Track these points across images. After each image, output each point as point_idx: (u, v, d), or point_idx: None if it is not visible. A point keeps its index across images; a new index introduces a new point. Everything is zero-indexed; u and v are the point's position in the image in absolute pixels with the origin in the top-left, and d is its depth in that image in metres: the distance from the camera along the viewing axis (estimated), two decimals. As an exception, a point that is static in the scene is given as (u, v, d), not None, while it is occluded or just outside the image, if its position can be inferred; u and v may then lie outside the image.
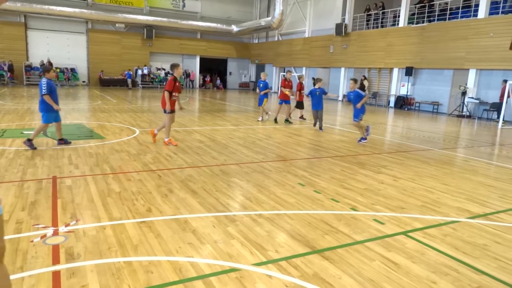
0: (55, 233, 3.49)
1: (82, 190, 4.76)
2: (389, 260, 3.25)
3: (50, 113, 7.10)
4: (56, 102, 7.12)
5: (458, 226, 4.11)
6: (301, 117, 13.51)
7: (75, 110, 13.35)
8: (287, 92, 12.13)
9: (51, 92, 7.00)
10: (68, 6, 25.86)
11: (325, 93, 11.06)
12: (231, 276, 2.87)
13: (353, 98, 9.05)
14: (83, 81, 28.52)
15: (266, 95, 12.48)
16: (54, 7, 25.14)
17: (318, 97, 10.88)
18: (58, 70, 26.59)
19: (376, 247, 3.49)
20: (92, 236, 3.46)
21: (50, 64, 26.11)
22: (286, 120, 12.44)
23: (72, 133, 8.68)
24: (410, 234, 3.83)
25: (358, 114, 9.01)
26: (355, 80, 9.11)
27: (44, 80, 6.95)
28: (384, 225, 4.02)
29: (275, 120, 12.42)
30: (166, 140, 7.81)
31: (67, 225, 3.67)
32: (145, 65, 29.85)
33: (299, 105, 13.20)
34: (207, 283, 2.77)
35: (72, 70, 27.50)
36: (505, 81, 14.81)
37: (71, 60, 27.80)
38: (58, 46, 27.21)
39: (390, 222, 4.12)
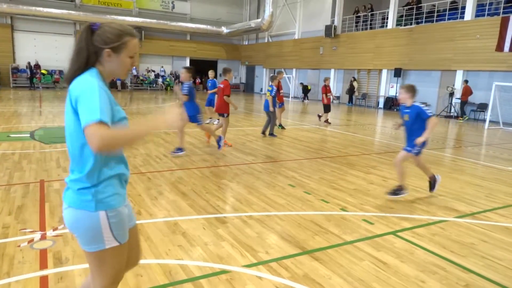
0: (43, 237, 3.44)
1: (70, 193, 4.70)
2: (378, 260, 3.28)
3: None
4: None
5: (446, 226, 4.16)
6: (326, 121, 13.22)
7: (63, 112, 13.16)
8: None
9: None
10: (55, 7, 25.54)
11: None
12: (222, 278, 2.87)
13: (411, 120, 5.03)
14: (72, 83, 28.18)
15: (214, 94, 10.98)
16: (41, 8, 24.80)
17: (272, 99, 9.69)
18: (46, 72, 26.26)
19: (366, 247, 3.52)
20: (81, 240, 3.41)
21: (37, 66, 25.80)
22: (279, 125, 11.63)
23: (60, 136, 8.58)
24: (399, 233, 3.87)
25: (414, 146, 4.97)
26: (409, 88, 5.04)
27: None
28: (374, 225, 4.05)
29: (281, 126, 11.55)
30: (221, 142, 7.54)
31: (55, 229, 3.63)
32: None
33: (326, 108, 12.92)
34: (197, 285, 2.76)
35: (61, 72, 27.18)
36: (466, 81, 16.49)
37: (59, 62, 27.43)
38: (45, 48, 26.85)
39: (379, 222, 4.15)
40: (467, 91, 16.32)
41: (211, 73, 12.03)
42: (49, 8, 25.12)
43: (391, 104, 20.79)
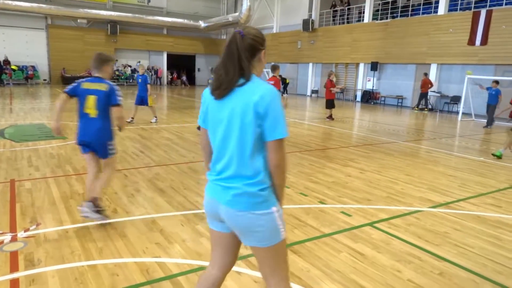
0: (14, 239, 3.32)
1: (42, 193, 4.56)
2: (356, 251, 3.32)
3: None
4: None
5: (421, 216, 4.26)
6: (330, 116, 12.53)
7: (35, 109, 12.77)
8: None
9: None
10: (25, 0, 24.58)
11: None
12: (200, 275, 2.83)
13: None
14: (44, 79, 27.32)
15: (146, 91, 10.20)
16: (9, 1, 23.75)
17: None
18: (16, 68, 25.32)
19: (344, 239, 3.56)
20: (54, 241, 3.32)
21: (7, 62, 24.85)
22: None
23: (32, 134, 8.31)
24: (376, 225, 3.93)
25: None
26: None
27: None
28: (351, 217, 4.10)
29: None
30: None
31: (26, 230, 3.51)
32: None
33: (331, 104, 12.32)
34: (175, 283, 2.72)
35: (33, 68, 26.25)
36: (425, 74, 17.32)
37: (30, 57, 26.49)
38: (15, 43, 25.83)
39: (357, 214, 4.21)
40: (426, 84, 17.02)
41: (141, 68, 10.77)
42: (18, 1, 24.10)
43: (368, 97, 21.10)
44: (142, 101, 10.36)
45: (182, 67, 33.69)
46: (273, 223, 1.74)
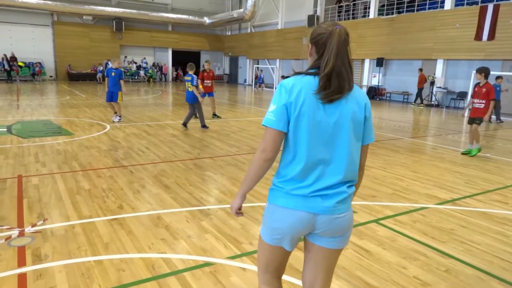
0: (21, 234, 3.35)
1: (49, 188, 4.60)
2: (361, 248, 3.32)
3: None
4: None
5: (427, 212, 4.24)
6: None
7: (42, 106, 12.86)
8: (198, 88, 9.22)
9: None
10: (31, -3, 24.69)
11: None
12: (205, 271, 2.85)
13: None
14: (50, 76, 27.47)
15: (119, 87, 9.59)
16: (16, -1, 23.96)
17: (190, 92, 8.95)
18: (23, 64, 25.49)
19: (349, 235, 3.55)
20: (61, 236, 3.34)
21: (14, 58, 25.01)
22: (214, 115, 11.37)
23: (39, 130, 8.37)
24: (381, 221, 3.92)
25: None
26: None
27: None
28: (357, 214, 4.09)
29: (215, 115, 11.34)
30: None
31: (33, 225, 3.54)
32: (108, 60, 28.55)
33: None
34: (180, 278, 2.73)
35: (40, 64, 26.39)
36: (421, 70, 17.61)
37: (36, 54, 26.65)
38: (22, 40, 26.00)
39: (362, 211, 4.20)
40: (422, 79, 17.26)
41: (115, 62, 9.71)
42: (25, -2, 24.26)
43: (374, 93, 20.98)
44: (112, 97, 9.63)
45: (187, 64, 33.68)
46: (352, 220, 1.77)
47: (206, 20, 30.44)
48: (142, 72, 29.80)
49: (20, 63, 25.37)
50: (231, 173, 5.52)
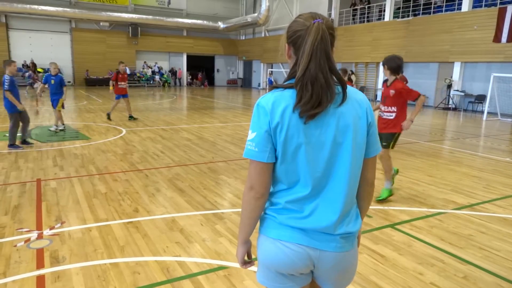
0: (40, 236, 3.43)
1: (67, 192, 4.69)
2: (377, 253, 3.27)
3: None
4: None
5: (444, 218, 4.16)
6: None
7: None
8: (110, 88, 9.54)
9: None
10: (50, 5, 25.34)
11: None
12: (219, 274, 2.86)
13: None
14: (68, 81, 28.07)
15: (60, 93, 8.85)
16: (36, 6, 24.62)
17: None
18: (42, 70, 26.11)
19: (364, 240, 3.51)
20: (78, 239, 3.40)
21: (33, 64, 25.66)
22: (131, 117, 11.10)
23: (57, 135, 8.55)
24: (397, 226, 3.87)
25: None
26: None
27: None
28: (372, 218, 4.05)
29: (108, 117, 10.91)
30: None
31: (51, 228, 3.61)
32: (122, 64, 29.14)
33: None
34: (195, 282, 2.75)
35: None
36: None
37: (55, 60, 27.23)
38: (41, 46, 26.69)
39: (377, 215, 4.15)
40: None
41: (53, 67, 8.97)
42: (44, 6, 24.94)
43: (389, 97, 20.72)
44: (53, 104, 8.88)
45: (201, 68, 34.02)
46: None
47: (221, 24, 30.69)
48: (157, 77, 30.18)
49: (39, 69, 26.00)
50: (244, 177, 5.52)
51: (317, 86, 1.24)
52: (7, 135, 7.12)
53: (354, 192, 1.39)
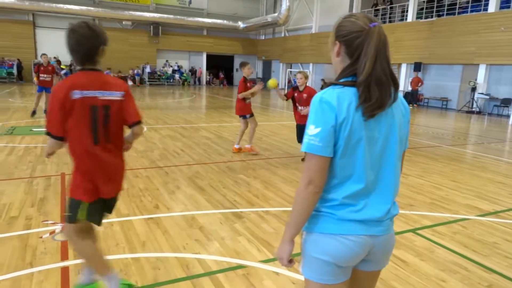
0: (64, 229, 3.51)
1: (90, 186, 4.78)
2: (398, 258, 3.22)
3: None
4: None
5: (467, 224, 4.06)
6: None
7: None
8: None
9: None
10: (75, 4, 25.97)
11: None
12: (238, 273, 2.87)
13: None
14: (91, 79, 28.67)
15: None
16: (61, 5, 25.30)
17: None
18: (65, 67, 26.77)
19: (384, 244, 3.46)
20: (100, 232, 3.46)
21: (58, 62, 26.32)
22: (45, 111, 10.25)
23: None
24: (419, 231, 3.80)
25: None
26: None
27: None
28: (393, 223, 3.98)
29: (34, 113, 10.33)
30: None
31: (75, 221, 3.69)
32: (147, 63, 29.83)
33: None
34: (214, 279, 2.77)
35: (80, 67, 27.61)
36: (416, 72, 18.57)
37: (78, 57, 27.89)
38: (65, 44, 27.31)
39: (399, 220, 4.08)
40: (418, 81, 18.37)
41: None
42: (69, 5, 25.59)
43: (410, 98, 20.37)
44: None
45: (221, 68, 34.20)
46: None
47: (240, 24, 30.77)
48: (177, 76, 30.52)
49: (63, 66, 26.67)
50: (263, 177, 5.53)
51: (382, 89, 1.34)
52: (34, 129, 7.29)
53: (399, 181, 1.53)
